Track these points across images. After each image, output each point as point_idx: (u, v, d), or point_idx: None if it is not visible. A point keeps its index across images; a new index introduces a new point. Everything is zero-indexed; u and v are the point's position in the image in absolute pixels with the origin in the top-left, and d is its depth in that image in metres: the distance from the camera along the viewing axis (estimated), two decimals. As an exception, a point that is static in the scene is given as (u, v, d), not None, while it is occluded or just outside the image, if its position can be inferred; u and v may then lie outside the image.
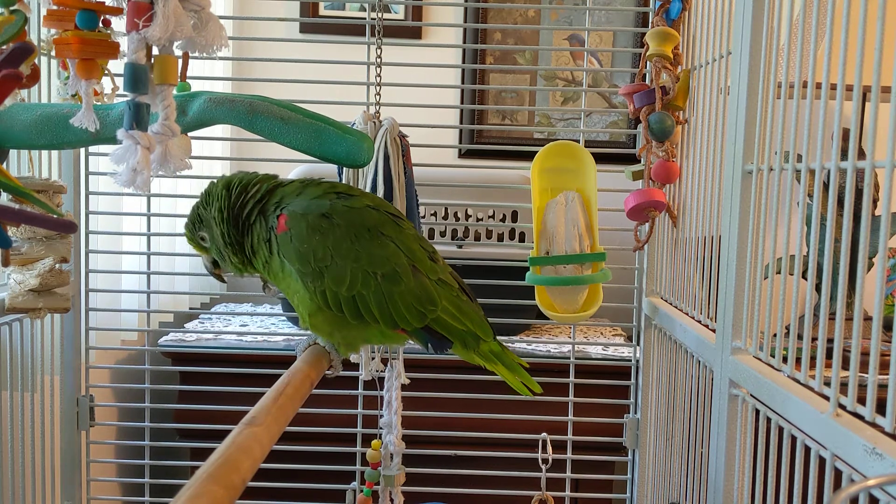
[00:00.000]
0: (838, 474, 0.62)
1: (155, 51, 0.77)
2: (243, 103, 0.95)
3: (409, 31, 2.12)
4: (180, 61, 0.79)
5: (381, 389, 1.26)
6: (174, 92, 0.80)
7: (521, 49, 1.67)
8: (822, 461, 0.65)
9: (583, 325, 1.69)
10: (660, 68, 1.08)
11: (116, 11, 0.79)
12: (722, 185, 0.91)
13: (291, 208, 0.87)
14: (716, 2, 0.99)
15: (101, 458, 1.42)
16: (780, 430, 0.74)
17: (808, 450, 0.68)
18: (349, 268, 0.85)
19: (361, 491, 1.22)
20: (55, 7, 0.76)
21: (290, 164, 1.61)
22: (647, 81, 1.15)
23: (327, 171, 1.28)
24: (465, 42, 2.11)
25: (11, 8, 0.79)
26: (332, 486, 1.37)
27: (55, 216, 0.69)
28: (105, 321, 1.42)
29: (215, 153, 1.71)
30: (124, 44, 0.76)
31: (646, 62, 1.13)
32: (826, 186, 0.70)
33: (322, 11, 2.13)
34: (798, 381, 0.73)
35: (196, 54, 0.80)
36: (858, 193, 1.45)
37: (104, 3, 0.78)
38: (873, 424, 0.59)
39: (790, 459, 0.72)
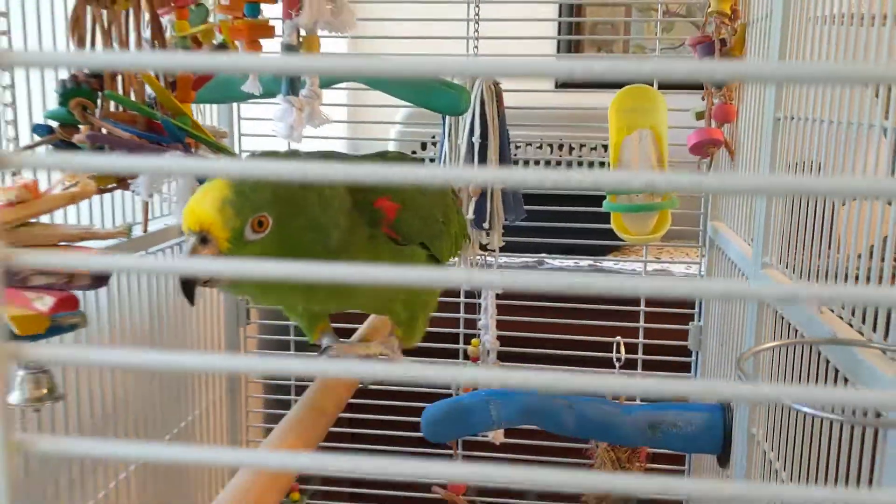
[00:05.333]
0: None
1: (302, 32, 1.01)
2: (366, 65, 1.19)
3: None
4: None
5: (479, 298, 1.51)
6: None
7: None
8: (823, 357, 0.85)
9: (654, 245, 1.88)
10: (719, 23, 1.24)
11: (271, 1, 1.03)
12: (763, 127, 1.09)
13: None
14: (765, -33, 1.15)
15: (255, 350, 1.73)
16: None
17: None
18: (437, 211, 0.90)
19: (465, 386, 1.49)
20: (227, 2, 1.01)
21: (396, 109, 1.83)
22: (709, 33, 1.31)
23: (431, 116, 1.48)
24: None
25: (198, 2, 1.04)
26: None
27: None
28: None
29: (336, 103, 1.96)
30: (277, 27, 1.01)
31: (708, 17, 1.29)
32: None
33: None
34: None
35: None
36: None
37: (264, -4, 1.02)
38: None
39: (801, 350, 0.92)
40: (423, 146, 1.92)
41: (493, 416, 1.26)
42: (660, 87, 1.44)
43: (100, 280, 0.63)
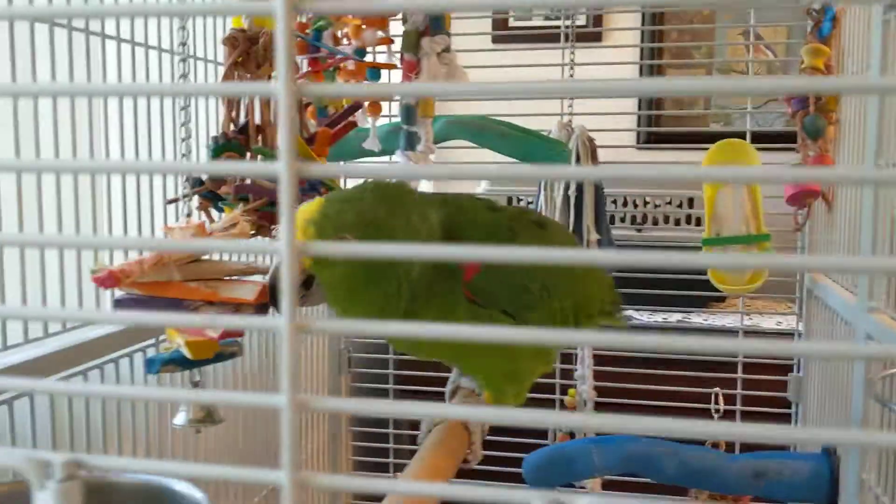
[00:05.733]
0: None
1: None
2: (473, 123, 1.26)
3: (591, 36, 2.36)
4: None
5: (576, 348, 1.55)
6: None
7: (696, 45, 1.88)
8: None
9: (750, 297, 1.88)
10: (812, 78, 1.28)
11: (392, 67, 1.12)
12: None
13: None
14: (859, 23, 1.19)
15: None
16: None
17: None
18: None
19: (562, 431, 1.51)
20: (352, 68, 1.10)
21: (484, 167, 1.90)
22: (803, 88, 1.34)
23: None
24: (642, 42, 2.33)
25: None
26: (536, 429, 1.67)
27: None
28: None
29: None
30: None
31: (802, 73, 1.33)
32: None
33: (511, 23, 2.42)
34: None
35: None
36: None
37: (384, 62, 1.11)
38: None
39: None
40: (509, 202, 1.99)
41: (596, 463, 1.28)
42: (753, 142, 1.48)
43: (262, 309, 0.69)
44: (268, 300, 0.69)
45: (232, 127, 0.93)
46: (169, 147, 1.14)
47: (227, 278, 0.72)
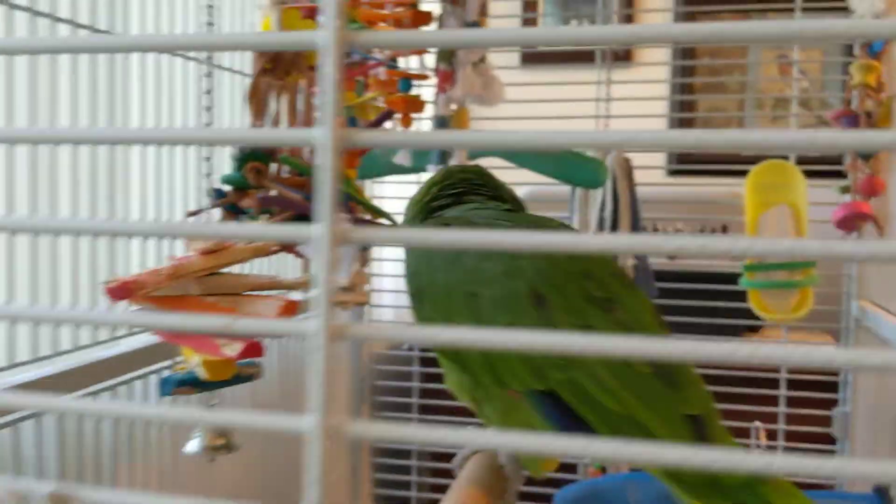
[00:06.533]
0: None
1: (452, 105, 1.04)
2: (506, 139, 1.21)
3: (622, 56, 2.31)
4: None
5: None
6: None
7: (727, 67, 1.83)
8: None
9: (793, 326, 1.80)
10: (863, 96, 1.22)
11: (424, 77, 1.07)
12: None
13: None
14: (916, 36, 1.12)
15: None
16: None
17: None
18: (443, 284, 0.62)
19: (593, 465, 1.44)
20: (384, 78, 1.05)
21: (518, 187, 1.85)
22: (854, 107, 1.28)
23: (561, 191, 1.49)
24: (674, 70, 2.28)
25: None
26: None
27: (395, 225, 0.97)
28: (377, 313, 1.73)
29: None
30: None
31: (851, 90, 1.27)
32: None
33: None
34: None
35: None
36: None
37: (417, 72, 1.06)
38: None
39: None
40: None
41: (630, 499, 1.21)
42: (798, 163, 1.42)
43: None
44: (290, 317, 0.63)
45: (257, 136, 0.88)
46: (192, 160, 1.09)
47: (249, 293, 0.66)
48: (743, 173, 1.41)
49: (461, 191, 0.74)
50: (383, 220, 0.96)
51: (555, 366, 0.56)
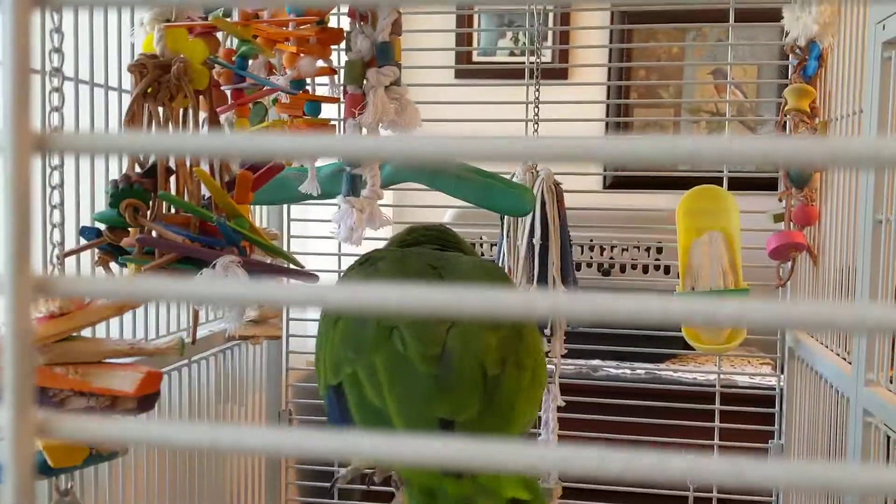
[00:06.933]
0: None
1: (364, 131, 0.96)
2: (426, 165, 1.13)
3: (557, 73, 2.26)
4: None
5: (539, 410, 1.41)
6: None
7: (664, 83, 1.79)
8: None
9: (728, 355, 1.76)
10: (797, 122, 1.18)
11: (334, 101, 0.99)
12: (856, 230, 1.01)
13: None
14: (849, 62, 1.08)
15: (298, 464, 1.64)
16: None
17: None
18: None
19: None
20: (287, 101, 0.97)
21: (444, 210, 1.77)
22: (786, 132, 1.24)
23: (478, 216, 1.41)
24: (609, 80, 2.23)
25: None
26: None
27: (300, 268, 0.88)
28: (300, 346, 1.63)
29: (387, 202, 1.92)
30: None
31: (784, 115, 1.23)
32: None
33: (475, 58, 2.32)
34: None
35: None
36: None
37: (325, 95, 0.98)
38: None
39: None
40: (472, 246, 1.86)
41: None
42: (730, 188, 1.37)
43: (146, 403, 0.55)
44: (152, 392, 0.54)
45: (137, 169, 0.79)
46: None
47: (106, 361, 0.57)
48: (684, 186, 1.36)
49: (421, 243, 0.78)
50: (282, 261, 0.87)
51: (347, 360, 0.60)
